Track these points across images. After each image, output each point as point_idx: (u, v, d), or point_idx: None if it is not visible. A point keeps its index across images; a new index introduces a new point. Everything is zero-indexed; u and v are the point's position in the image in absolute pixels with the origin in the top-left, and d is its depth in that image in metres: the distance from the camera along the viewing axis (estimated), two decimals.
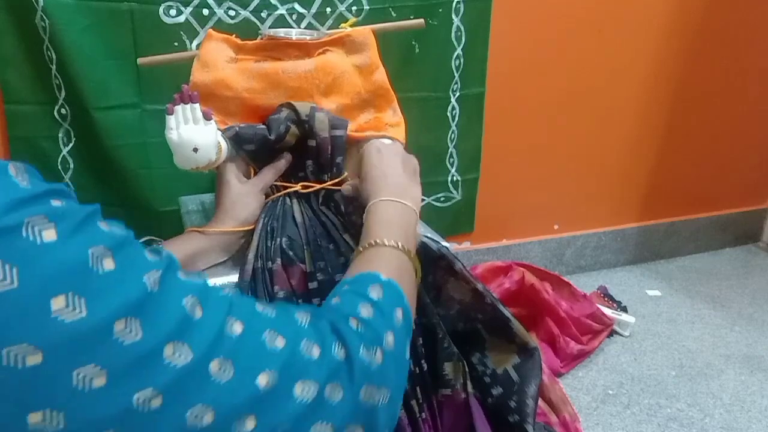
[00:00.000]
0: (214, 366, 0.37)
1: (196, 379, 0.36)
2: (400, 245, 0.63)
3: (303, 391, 0.42)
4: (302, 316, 0.47)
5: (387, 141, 0.85)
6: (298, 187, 0.91)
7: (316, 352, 0.44)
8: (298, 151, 0.91)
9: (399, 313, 0.54)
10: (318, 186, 0.90)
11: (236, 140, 0.88)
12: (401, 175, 0.76)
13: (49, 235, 0.31)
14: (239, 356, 0.39)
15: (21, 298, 0.30)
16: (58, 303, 0.31)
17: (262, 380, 0.40)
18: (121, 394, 0.33)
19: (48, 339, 0.31)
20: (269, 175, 0.89)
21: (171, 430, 0.36)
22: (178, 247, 0.82)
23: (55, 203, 0.33)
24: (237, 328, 0.40)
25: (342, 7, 1.38)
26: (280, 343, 0.42)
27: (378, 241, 0.63)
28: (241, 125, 0.89)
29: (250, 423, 0.39)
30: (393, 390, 0.49)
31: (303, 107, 0.88)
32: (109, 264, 0.34)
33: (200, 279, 0.41)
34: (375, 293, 0.54)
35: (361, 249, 0.64)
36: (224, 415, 0.38)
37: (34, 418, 0.31)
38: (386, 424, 0.48)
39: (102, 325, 0.33)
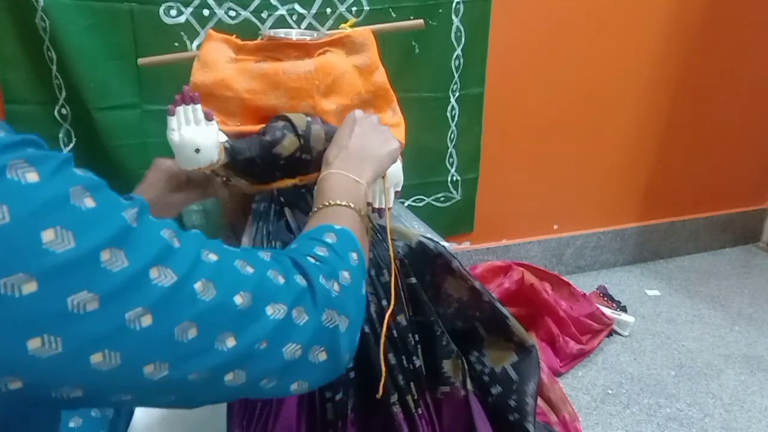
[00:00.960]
0: (198, 286, 0.41)
1: (182, 297, 0.40)
2: (352, 205, 0.68)
3: (274, 311, 0.46)
4: (265, 254, 0.51)
5: (373, 117, 0.84)
6: (296, 180, 0.91)
7: (281, 279, 0.49)
8: (290, 161, 0.90)
9: (354, 255, 0.59)
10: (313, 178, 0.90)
11: (231, 153, 0.87)
12: (361, 151, 0.78)
13: (32, 176, 0.34)
14: (218, 279, 0.43)
15: (14, 232, 0.33)
16: (48, 236, 0.34)
17: (239, 299, 0.43)
18: (114, 314, 0.36)
19: (41, 268, 0.33)
20: (191, 194, 0.93)
21: (161, 346, 0.39)
22: None
23: (32, 150, 0.35)
24: (212, 256, 0.44)
25: (342, 8, 1.39)
26: (250, 269, 0.46)
27: (331, 201, 0.68)
28: (233, 140, 0.88)
29: (231, 340, 0.42)
30: (352, 319, 0.53)
31: (299, 120, 0.87)
32: (89, 202, 0.36)
33: (170, 220, 0.45)
34: (330, 238, 0.59)
35: (315, 210, 0.69)
36: (207, 331, 0.41)
37: (33, 343, 0.34)
38: (347, 349, 0.53)
39: (89, 255, 0.35)
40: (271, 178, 0.90)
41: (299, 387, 0.50)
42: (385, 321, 0.81)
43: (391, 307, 0.82)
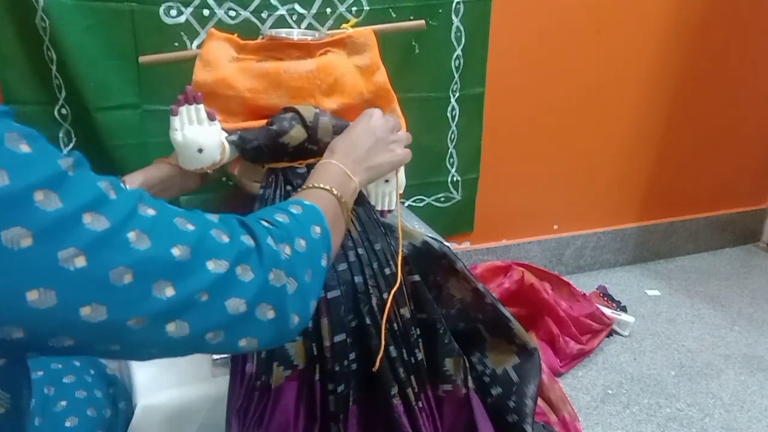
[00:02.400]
0: (132, 236, 0.42)
1: (115, 243, 0.41)
2: (334, 191, 0.68)
3: (216, 266, 0.47)
4: (212, 216, 0.52)
5: (391, 121, 0.85)
6: (303, 163, 0.92)
7: (225, 238, 0.49)
8: (298, 149, 0.91)
9: (317, 229, 0.60)
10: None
11: (240, 143, 0.88)
12: (366, 152, 0.80)
13: None
14: (154, 231, 0.44)
15: None
16: None
17: (176, 251, 0.45)
18: (47, 251, 0.38)
19: None
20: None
21: (96, 288, 0.40)
22: (150, 174, 0.92)
23: None
24: (150, 211, 0.45)
25: (342, 8, 1.38)
26: (190, 227, 0.47)
27: (315, 185, 0.69)
28: (244, 130, 0.89)
29: (170, 290, 0.44)
30: (301, 284, 0.54)
31: (307, 111, 0.88)
32: (25, 147, 0.38)
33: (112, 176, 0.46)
34: (294, 209, 0.60)
35: (298, 191, 0.70)
36: (143, 278, 0.42)
37: None
38: (295, 311, 0.53)
39: (23, 193, 0.37)
40: (279, 161, 0.92)
41: (248, 344, 0.51)
42: (391, 294, 0.82)
43: (398, 282, 0.83)
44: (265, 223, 0.55)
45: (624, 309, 1.82)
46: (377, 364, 0.82)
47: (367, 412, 0.86)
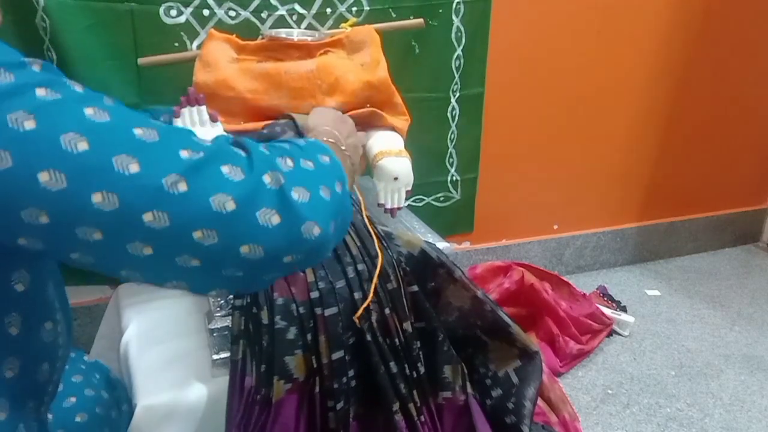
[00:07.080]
0: (89, 110, 0.42)
1: (68, 111, 0.41)
2: (331, 140, 0.67)
3: (190, 155, 0.45)
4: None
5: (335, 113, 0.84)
6: None
7: (207, 142, 0.48)
8: None
9: (324, 157, 0.56)
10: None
11: None
12: (343, 138, 0.75)
13: None
14: (116, 112, 0.44)
15: None
16: None
17: (138, 131, 0.43)
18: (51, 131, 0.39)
19: None
20: None
21: (48, 152, 0.40)
22: None
23: None
24: (115, 104, 0.45)
25: (342, 8, 1.38)
26: (162, 124, 0.46)
27: (312, 138, 0.67)
28: (237, 134, 0.89)
29: (134, 165, 0.42)
30: (314, 196, 0.50)
31: (302, 120, 0.89)
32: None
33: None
34: (298, 142, 0.58)
35: None
36: (99, 147, 0.41)
37: None
38: (310, 218, 0.49)
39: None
40: None
41: (251, 251, 0.46)
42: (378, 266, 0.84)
43: (378, 266, 0.85)
44: (262, 146, 0.52)
45: (624, 309, 1.82)
46: (359, 312, 0.82)
47: (367, 428, 0.86)
